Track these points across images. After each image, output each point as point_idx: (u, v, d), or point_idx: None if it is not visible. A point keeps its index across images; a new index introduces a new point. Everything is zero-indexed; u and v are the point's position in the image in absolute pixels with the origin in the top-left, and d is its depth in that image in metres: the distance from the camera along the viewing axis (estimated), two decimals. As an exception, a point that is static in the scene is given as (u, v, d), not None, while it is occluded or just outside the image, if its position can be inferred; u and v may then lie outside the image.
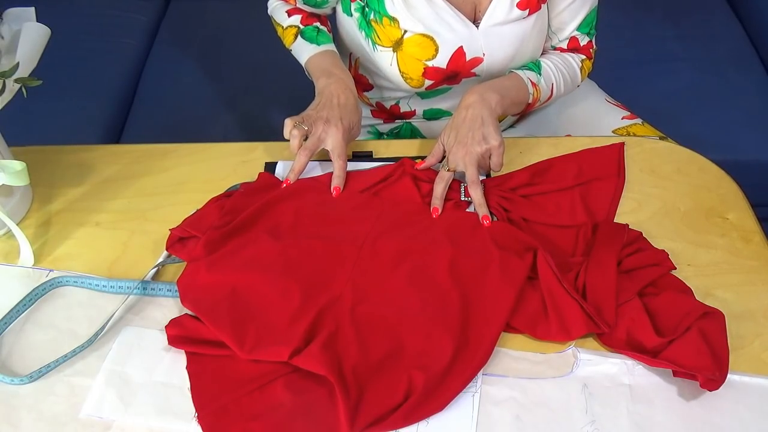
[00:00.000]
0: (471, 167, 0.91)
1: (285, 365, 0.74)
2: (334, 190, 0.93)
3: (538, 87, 1.05)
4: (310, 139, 0.94)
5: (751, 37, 1.73)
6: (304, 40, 1.08)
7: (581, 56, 1.13)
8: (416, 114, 1.18)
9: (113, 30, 1.77)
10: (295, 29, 1.09)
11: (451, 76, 1.06)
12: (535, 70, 1.07)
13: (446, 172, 0.92)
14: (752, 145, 1.49)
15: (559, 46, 1.12)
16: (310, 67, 1.06)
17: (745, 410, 0.72)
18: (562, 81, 1.09)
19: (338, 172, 0.94)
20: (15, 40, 0.86)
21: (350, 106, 0.98)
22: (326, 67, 1.04)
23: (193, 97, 1.63)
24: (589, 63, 1.14)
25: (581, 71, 1.13)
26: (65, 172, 1.01)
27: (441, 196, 0.92)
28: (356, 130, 1.00)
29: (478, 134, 0.93)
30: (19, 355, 0.79)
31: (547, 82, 1.07)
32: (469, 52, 1.03)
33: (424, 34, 1.01)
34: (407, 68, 1.04)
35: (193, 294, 0.81)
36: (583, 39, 1.11)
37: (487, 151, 0.93)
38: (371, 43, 1.05)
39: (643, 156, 1.01)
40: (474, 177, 0.91)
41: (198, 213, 0.91)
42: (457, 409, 0.72)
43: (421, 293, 0.81)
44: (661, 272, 0.82)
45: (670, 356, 0.73)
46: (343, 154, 0.94)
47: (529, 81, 1.04)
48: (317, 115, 0.96)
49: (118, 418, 0.73)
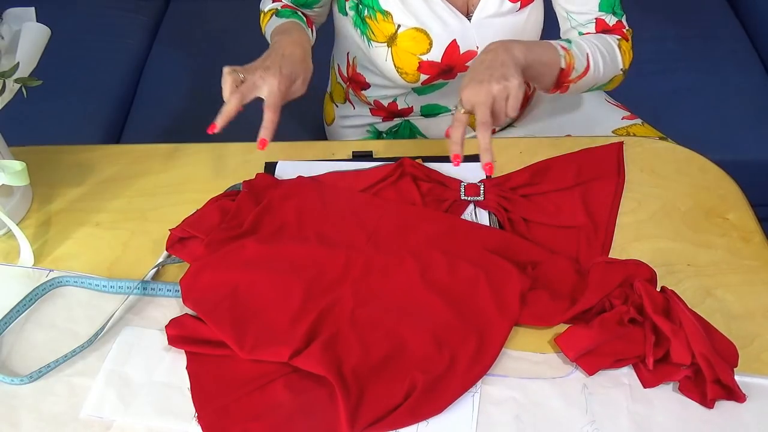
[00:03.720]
0: (483, 106, 0.84)
1: (285, 365, 0.74)
2: (260, 143, 0.87)
3: (570, 52, 0.96)
4: (245, 84, 0.88)
5: (751, 37, 1.73)
6: (278, 18, 1.05)
7: (616, 36, 1.04)
8: (414, 111, 1.18)
9: (113, 30, 1.77)
10: (273, 11, 1.07)
11: (446, 70, 1.06)
12: (565, 42, 0.99)
13: (462, 114, 0.86)
14: (752, 145, 1.49)
15: (587, 32, 1.05)
16: (272, 33, 1.01)
17: (745, 410, 0.72)
18: (599, 55, 1.00)
19: (266, 123, 0.88)
20: (15, 40, 0.86)
21: (296, 57, 0.93)
22: (284, 29, 1.00)
23: (193, 97, 1.62)
24: (627, 45, 1.04)
25: (620, 52, 1.04)
26: (65, 172, 1.01)
27: (459, 140, 0.85)
28: (300, 86, 0.94)
29: (498, 73, 0.86)
30: (19, 355, 0.79)
31: (580, 50, 0.98)
32: (462, 46, 1.03)
33: (417, 29, 1.01)
34: (402, 63, 1.05)
35: (194, 293, 0.81)
36: (610, 19, 1.03)
37: (504, 89, 0.85)
38: (366, 40, 1.06)
39: (643, 156, 1.01)
40: (485, 117, 0.84)
41: (198, 213, 0.91)
42: (457, 409, 0.72)
43: (423, 296, 0.81)
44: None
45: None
46: (276, 104, 0.89)
47: (558, 45, 0.96)
48: (257, 65, 0.91)
49: (118, 418, 0.73)
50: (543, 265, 0.84)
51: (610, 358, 0.75)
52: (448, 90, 1.14)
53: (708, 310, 0.80)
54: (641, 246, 0.89)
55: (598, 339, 0.75)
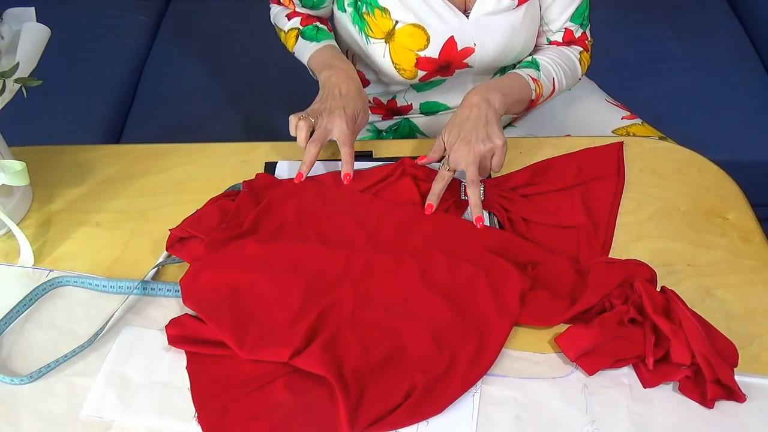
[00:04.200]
0: (472, 166, 0.90)
1: (285, 365, 0.74)
2: (345, 177, 0.93)
3: (539, 82, 1.04)
4: (317, 131, 0.94)
5: (751, 37, 1.73)
6: (305, 40, 1.09)
7: (578, 48, 1.12)
8: (413, 108, 1.18)
9: (113, 30, 1.77)
10: (296, 31, 1.10)
11: (444, 67, 1.07)
12: (534, 66, 1.06)
13: (447, 171, 0.92)
14: (752, 145, 1.49)
15: (554, 39, 1.11)
16: (312, 63, 1.07)
17: (745, 410, 0.72)
18: (562, 74, 1.08)
19: (346, 158, 0.94)
20: (15, 40, 0.86)
21: (353, 94, 0.99)
22: (327, 61, 1.05)
23: (193, 97, 1.63)
24: (587, 55, 1.13)
25: (581, 63, 1.12)
26: (65, 172, 1.01)
27: (438, 193, 0.91)
28: (363, 117, 1.00)
29: (483, 132, 0.92)
30: (19, 355, 0.79)
31: (547, 77, 1.06)
32: (460, 42, 1.04)
33: (415, 24, 1.02)
34: (400, 59, 1.05)
35: (194, 293, 0.81)
36: (576, 30, 1.10)
37: (491, 150, 0.92)
38: (364, 37, 1.06)
39: (643, 156, 1.01)
40: (474, 176, 0.90)
41: (198, 213, 0.91)
42: (457, 409, 0.72)
43: (423, 296, 0.81)
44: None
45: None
46: (350, 141, 0.95)
47: (529, 78, 1.03)
48: (321, 108, 0.97)
49: (118, 418, 0.73)
50: (543, 265, 0.84)
51: (610, 358, 0.75)
52: (447, 87, 1.14)
53: (708, 310, 0.80)
54: (641, 246, 0.89)
55: (598, 339, 0.75)
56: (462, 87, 1.13)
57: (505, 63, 1.11)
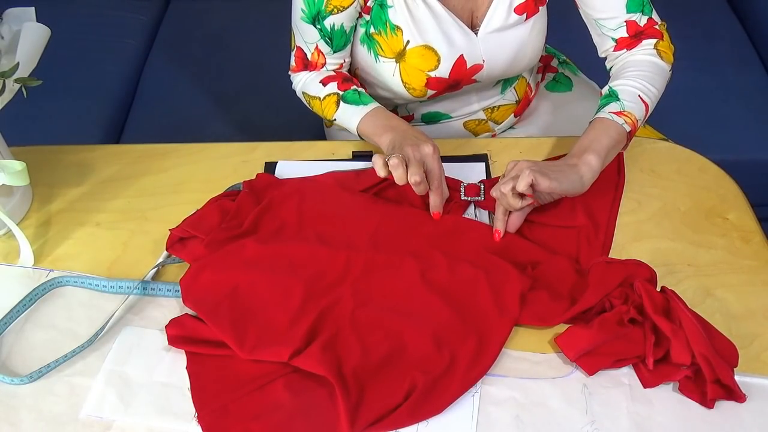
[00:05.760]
0: (526, 179, 0.82)
1: (285, 365, 0.75)
2: (434, 215, 0.90)
3: (625, 112, 0.93)
4: (412, 164, 0.87)
5: (751, 37, 1.73)
6: (349, 104, 1.02)
7: (650, 41, 1.01)
8: (415, 118, 1.18)
9: (113, 30, 1.77)
10: (336, 96, 1.03)
11: (453, 85, 1.06)
12: (613, 98, 0.96)
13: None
14: (752, 145, 1.49)
15: (619, 37, 1.02)
16: (365, 128, 0.99)
17: (745, 410, 0.72)
18: (647, 83, 0.97)
19: (436, 185, 0.89)
20: (15, 40, 0.86)
21: (425, 136, 0.95)
22: (384, 123, 0.98)
23: (193, 97, 1.63)
24: (664, 44, 1.02)
25: (661, 56, 1.01)
26: (65, 172, 1.01)
27: (501, 217, 0.88)
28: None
29: (565, 173, 0.86)
30: (19, 355, 0.79)
31: (631, 99, 0.95)
32: (469, 60, 1.03)
33: (426, 46, 1.01)
34: (410, 79, 1.04)
35: (194, 293, 0.81)
36: (640, 19, 1.00)
37: (550, 196, 0.88)
38: (374, 55, 1.05)
39: (643, 156, 1.01)
40: (521, 187, 0.83)
41: (198, 213, 0.91)
42: (457, 409, 0.72)
43: (423, 296, 0.81)
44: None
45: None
46: (439, 162, 0.90)
47: (612, 115, 0.93)
48: (404, 144, 0.91)
49: (118, 418, 0.73)
50: (543, 265, 0.84)
51: (610, 358, 0.75)
52: (450, 98, 1.13)
53: (708, 310, 0.80)
54: (641, 246, 0.89)
55: (598, 339, 0.75)
56: (465, 97, 1.13)
57: (511, 75, 1.11)
